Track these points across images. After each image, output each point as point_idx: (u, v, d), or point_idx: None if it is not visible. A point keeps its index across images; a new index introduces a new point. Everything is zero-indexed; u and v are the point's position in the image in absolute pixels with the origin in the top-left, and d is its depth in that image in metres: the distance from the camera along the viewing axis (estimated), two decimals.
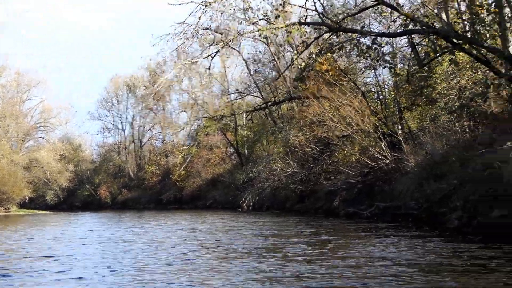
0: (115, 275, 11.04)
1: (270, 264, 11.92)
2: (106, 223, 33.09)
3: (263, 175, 41.32)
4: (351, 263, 11.73)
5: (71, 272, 11.67)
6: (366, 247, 14.24)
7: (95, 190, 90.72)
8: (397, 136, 26.77)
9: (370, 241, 15.71)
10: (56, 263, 13.14)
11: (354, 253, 13.33)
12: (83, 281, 10.52)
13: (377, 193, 26.95)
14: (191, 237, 20.00)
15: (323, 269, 10.95)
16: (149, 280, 10.32)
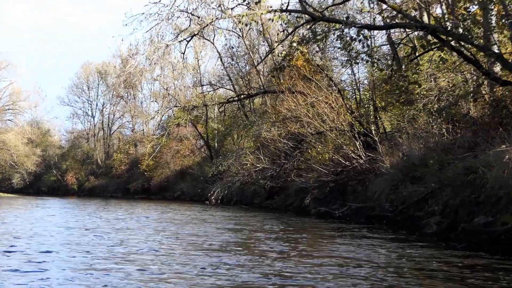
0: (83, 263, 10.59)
1: (238, 259, 11.39)
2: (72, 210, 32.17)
3: (233, 169, 40.72)
4: (322, 262, 11.18)
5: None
6: (338, 248, 13.64)
7: (62, 176, 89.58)
8: (373, 136, 26.18)
9: (342, 241, 15.11)
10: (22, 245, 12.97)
11: (325, 253, 12.78)
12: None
13: (349, 193, 26.39)
14: (159, 228, 19.34)
15: (294, 268, 10.44)
16: (118, 270, 9.92)
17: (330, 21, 15.20)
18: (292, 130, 29.66)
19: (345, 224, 21.26)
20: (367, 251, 13.13)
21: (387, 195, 21.39)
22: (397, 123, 26.57)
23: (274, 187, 36.66)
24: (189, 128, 66.86)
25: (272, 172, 35.42)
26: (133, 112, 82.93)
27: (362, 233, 17.49)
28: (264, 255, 12.19)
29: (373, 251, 13.14)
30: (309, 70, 31.35)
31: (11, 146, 76.07)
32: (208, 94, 58.39)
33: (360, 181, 25.49)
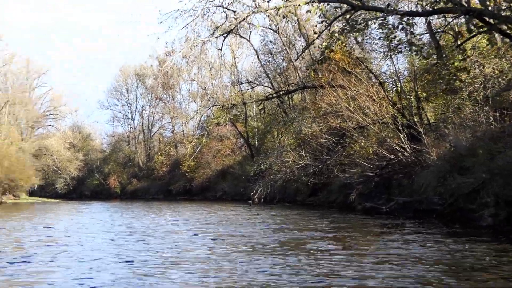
0: (130, 267, 10.50)
1: (286, 260, 11.02)
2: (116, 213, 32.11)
3: (275, 167, 40.26)
4: (373, 261, 10.74)
5: (82, 260, 11.27)
6: (388, 244, 13.15)
7: (104, 180, 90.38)
8: (417, 127, 25.44)
9: (392, 238, 14.57)
10: (70, 252, 12.85)
11: (376, 251, 12.33)
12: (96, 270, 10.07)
13: (395, 187, 25.74)
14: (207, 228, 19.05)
15: (345, 267, 10.02)
16: (170, 273, 9.78)
17: (371, 9, 14.66)
18: (334, 125, 29.11)
19: (393, 219, 20.67)
20: (420, 247, 12.60)
21: (435, 187, 20.72)
22: (442, 113, 25.79)
23: (317, 184, 36.18)
24: (228, 127, 66.64)
25: (315, 168, 34.94)
26: (172, 113, 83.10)
27: (412, 228, 16.90)
28: (312, 254, 11.78)
29: (426, 247, 12.62)
30: (348, 63, 30.76)
31: (54, 152, 76.92)
32: (246, 92, 58.11)
33: (406, 174, 24.81)
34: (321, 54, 14.65)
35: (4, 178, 55.75)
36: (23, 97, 72.06)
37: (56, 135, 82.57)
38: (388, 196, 25.29)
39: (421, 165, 23.37)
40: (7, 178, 56.41)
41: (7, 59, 65.20)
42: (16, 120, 69.57)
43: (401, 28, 14.43)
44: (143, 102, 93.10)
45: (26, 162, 62.44)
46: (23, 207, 42.53)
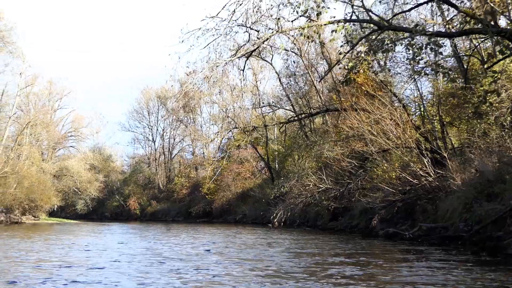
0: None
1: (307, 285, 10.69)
2: (136, 235, 31.85)
3: (295, 191, 39.91)
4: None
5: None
6: (413, 272, 12.70)
7: (124, 201, 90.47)
8: (441, 152, 24.98)
9: (417, 265, 14.12)
10: (92, 274, 12.64)
11: (400, 278, 11.88)
12: None
13: (418, 213, 25.22)
14: (227, 252, 18.72)
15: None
16: None
17: (398, 29, 14.34)
18: (356, 148, 28.75)
19: (416, 245, 20.15)
20: (447, 275, 12.16)
21: (460, 214, 20.25)
22: (467, 138, 25.33)
23: (338, 208, 35.75)
24: (249, 150, 66.51)
25: (336, 192, 34.57)
26: (193, 135, 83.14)
27: (437, 255, 16.41)
28: (336, 280, 11.40)
29: (452, 275, 12.17)
30: (371, 86, 30.45)
31: (74, 173, 77.08)
32: (268, 115, 57.96)
33: (430, 200, 24.32)
34: (346, 75, 14.32)
35: (24, 198, 55.88)
36: (45, 119, 72.37)
37: (77, 156, 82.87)
38: (412, 221, 24.79)
39: (446, 190, 22.90)
40: (27, 199, 56.57)
41: (30, 80, 65.56)
42: (37, 141, 69.81)
43: (430, 48, 14.06)
44: (164, 124, 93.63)
45: (46, 183, 62.55)
46: (42, 228, 42.44)
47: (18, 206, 55.92)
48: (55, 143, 79.40)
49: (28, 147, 62.38)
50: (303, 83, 55.03)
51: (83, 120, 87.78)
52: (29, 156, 61.55)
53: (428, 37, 13.99)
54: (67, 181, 77.45)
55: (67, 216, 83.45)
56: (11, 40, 54.50)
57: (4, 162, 54.08)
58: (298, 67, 53.84)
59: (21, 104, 70.05)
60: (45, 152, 78.91)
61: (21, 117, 67.31)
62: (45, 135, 72.18)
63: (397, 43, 14.68)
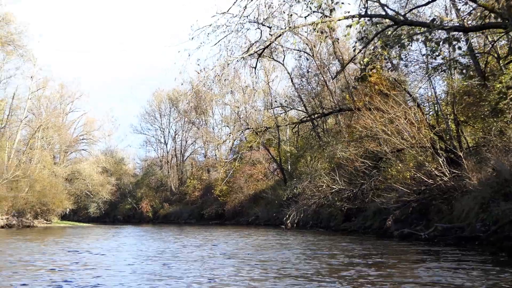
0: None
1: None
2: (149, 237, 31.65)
3: (308, 192, 39.57)
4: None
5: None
6: (432, 273, 12.40)
7: (137, 204, 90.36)
8: (456, 151, 24.59)
9: (435, 266, 13.78)
10: (107, 277, 12.51)
11: (419, 279, 11.59)
12: None
13: (433, 213, 24.84)
14: (241, 254, 18.51)
15: None
16: None
17: (415, 24, 13.98)
18: (370, 148, 28.39)
19: (432, 246, 19.79)
20: (465, 276, 11.85)
21: (477, 214, 19.88)
22: (482, 137, 24.92)
23: (351, 209, 35.42)
24: (261, 152, 66.28)
25: (349, 193, 34.25)
26: (205, 137, 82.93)
27: (454, 256, 16.06)
28: (351, 282, 11.11)
29: (470, 275, 11.87)
30: (385, 86, 30.12)
31: (86, 176, 77.14)
32: (280, 116, 57.64)
33: (445, 200, 23.93)
34: (361, 72, 13.99)
35: (36, 202, 55.79)
36: (57, 122, 72.33)
37: (89, 160, 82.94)
38: (427, 222, 24.42)
39: (461, 190, 22.51)
40: (39, 202, 56.47)
41: (41, 83, 65.55)
42: (49, 145, 69.76)
43: (449, 43, 13.67)
44: (176, 127, 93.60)
45: (58, 187, 62.46)
46: (54, 231, 42.33)
47: (30, 210, 55.86)
48: (67, 147, 79.47)
49: (40, 150, 62.35)
50: (315, 84, 54.71)
51: (95, 123, 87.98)
52: (40, 159, 61.48)
53: (446, 31, 13.63)
54: (79, 184, 77.53)
55: (79, 219, 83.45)
56: (22, 43, 54.44)
57: (16, 166, 54.01)
58: (310, 67, 53.56)
59: (32, 107, 70.05)
60: (57, 156, 79.01)
61: (33, 120, 67.33)
62: (57, 138, 72.18)
63: (414, 38, 14.29)
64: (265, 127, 39.17)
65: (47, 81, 68.99)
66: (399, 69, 31.82)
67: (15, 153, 58.18)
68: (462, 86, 26.81)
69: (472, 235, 19.20)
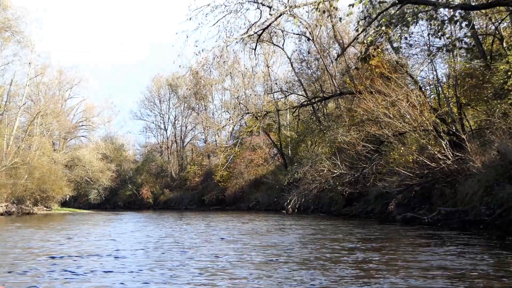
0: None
1: (333, 272, 10.18)
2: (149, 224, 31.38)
3: (309, 176, 39.25)
4: (425, 274, 9.85)
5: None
6: (438, 257, 12.16)
7: (137, 190, 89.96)
8: (460, 134, 24.22)
9: (440, 250, 13.48)
10: (106, 263, 12.38)
11: (425, 263, 11.35)
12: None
13: (436, 197, 24.55)
14: (243, 239, 18.34)
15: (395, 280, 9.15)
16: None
17: (419, 2, 13.54)
18: (372, 132, 28.02)
19: (436, 230, 19.52)
20: (471, 260, 11.58)
21: (481, 197, 19.59)
22: (486, 119, 24.52)
23: (352, 193, 35.21)
24: (261, 137, 65.93)
25: (350, 177, 33.95)
26: (205, 123, 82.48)
27: (459, 240, 15.79)
28: (355, 266, 10.85)
29: (476, 259, 11.61)
30: (386, 68, 29.76)
31: (86, 162, 76.63)
32: (280, 101, 57.24)
33: (448, 183, 23.61)
34: (365, 51, 13.59)
35: (35, 189, 55.38)
36: (55, 108, 71.74)
37: (89, 146, 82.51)
38: (429, 206, 24.14)
39: (465, 173, 22.19)
40: (38, 189, 56.05)
41: (39, 70, 64.95)
42: (48, 132, 69.24)
43: (455, 21, 13.25)
44: (175, 113, 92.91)
45: (57, 173, 61.99)
46: (54, 218, 42.10)
47: (30, 197, 55.49)
48: (66, 133, 79.03)
49: (39, 137, 61.84)
50: (315, 68, 54.22)
51: (94, 109, 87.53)
52: (39, 146, 61.01)
53: (452, 9, 13.23)
54: (79, 171, 77.08)
55: (80, 206, 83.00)
56: (19, 29, 53.87)
57: (15, 153, 53.61)
58: (310, 52, 53.08)
59: (31, 94, 69.47)
60: (57, 142, 78.61)
61: (32, 107, 66.83)
62: (56, 125, 71.56)
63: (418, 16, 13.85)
64: (265, 111, 38.76)
65: (46, 67, 68.47)
66: (401, 52, 31.48)
67: (14, 140, 57.67)
68: (465, 68, 26.44)
69: (476, 219, 18.93)
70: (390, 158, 28.45)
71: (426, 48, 26.56)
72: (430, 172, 24.42)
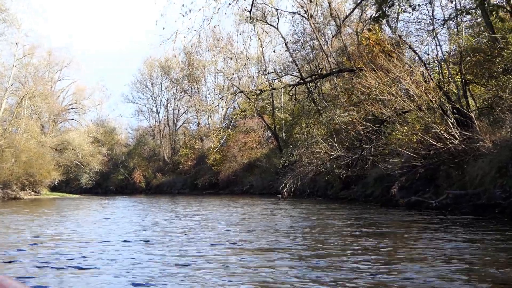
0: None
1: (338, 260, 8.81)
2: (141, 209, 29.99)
3: (305, 159, 37.92)
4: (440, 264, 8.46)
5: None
6: (454, 245, 10.65)
7: (129, 174, 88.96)
8: (468, 111, 22.71)
9: (455, 237, 11.96)
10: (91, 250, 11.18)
11: (439, 252, 9.93)
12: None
13: (442, 179, 23.11)
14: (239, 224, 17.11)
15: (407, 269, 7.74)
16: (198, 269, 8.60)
17: None
18: (373, 110, 26.51)
19: (447, 215, 18.02)
20: (493, 248, 10.16)
21: (494, 179, 18.18)
22: (496, 96, 23.01)
23: (350, 176, 34.00)
24: (255, 120, 64.88)
25: (348, 160, 32.65)
26: (197, 106, 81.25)
27: (474, 225, 14.32)
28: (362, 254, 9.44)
29: (497, 248, 10.18)
30: (388, 44, 28.37)
31: (76, 146, 74.80)
32: (274, 83, 55.83)
33: (455, 164, 22.15)
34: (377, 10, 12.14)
35: (22, 173, 53.75)
36: (44, 90, 70.01)
37: (79, 129, 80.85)
38: (435, 188, 22.72)
39: (474, 154, 20.72)
40: (25, 173, 54.43)
41: (28, 50, 63.16)
42: (37, 114, 67.52)
43: None
44: (168, 95, 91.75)
45: (45, 157, 60.20)
46: (41, 203, 40.62)
47: (16, 181, 53.91)
48: (55, 116, 77.28)
49: (26, 120, 60.15)
50: (310, 49, 52.84)
51: (85, 91, 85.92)
52: (27, 129, 59.33)
53: None
54: (69, 154, 75.40)
55: (71, 190, 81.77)
56: (4, 7, 51.93)
57: (1, 135, 52.05)
58: (305, 33, 51.76)
59: (19, 76, 68.03)
60: (46, 126, 76.99)
61: (20, 89, 65.13)
62: (45, 107, 69.85)
63: None
64: (259, 90, 37.27)
65: (35, 48, 66.84)
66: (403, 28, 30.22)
67: (1, 122, 56.10)
68: (470, 43, 25.00)
69: (491, 203, 17.48)
70: (392, 138, 26.88)
71: (430, 22, 25.26)
72: (436, 152, 22.90)
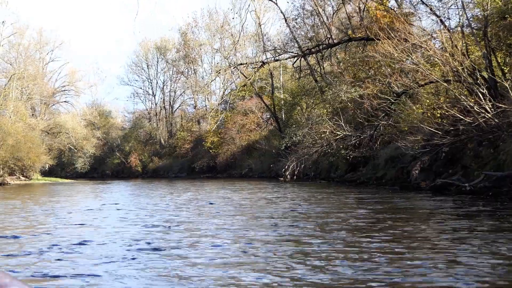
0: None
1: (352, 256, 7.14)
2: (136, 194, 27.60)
3: (309, 139, 35.32)
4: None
5: None
6: None
7: (125, 158, 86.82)
8: (501, 81, 19.79)
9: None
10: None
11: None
12: None
13: (469, 159, 20.28)
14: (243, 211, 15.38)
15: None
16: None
17: None
18: (393, 82, 23.61)
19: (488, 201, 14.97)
20: None
21: None
22: None
23: (357, 158, 31.47)
24: (253, 100, 62.70)
25: (356, 139, 29.99)
26: (194, 88, 78.76)
27: None
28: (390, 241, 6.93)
29: None
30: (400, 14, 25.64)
31: (69, 129, 71.84)
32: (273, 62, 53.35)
33: (487, 141, 19.29)
34: None
35: (9, 157, 50.74)
36: (35, 71, 67.10)
37: (71, 112, 78.02)
38: (464, 170, 19.92)
39: (510, 129, 17.90)
40: (13, 157, 51.41)
41: (17, 30, 60.27)
42: (25, 95, 64.60)
43: None
44: (164, 77, 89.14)
45: (34, 140, 56.84)
46: (28, 189, 38.02)
47: (4, 166, 50.98)
48: (46, 97, 74.20)
49: (14, 101, 57.17)
50: (311, 24, 50.14)
51: (78, 73, 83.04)
52: (15, 111, 56.35)
53: None
54: (62, 138, 72.57)
55: (67, 175, 79.47)
56: None
57: None
58: (305, 9, 49.03)
59: (9, 57, 65.39)
60: (37, 108, 74.23)
61: (9, 70, 62.27)
62: (35, 88, 66.95)
63: None
64: (261, 62, 34.55)
65: (25, 29, 64.10)
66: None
67: None
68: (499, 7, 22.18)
69: None
70: (411, 114, 23.73)
71: None
72: (465, 129, 19.88)
